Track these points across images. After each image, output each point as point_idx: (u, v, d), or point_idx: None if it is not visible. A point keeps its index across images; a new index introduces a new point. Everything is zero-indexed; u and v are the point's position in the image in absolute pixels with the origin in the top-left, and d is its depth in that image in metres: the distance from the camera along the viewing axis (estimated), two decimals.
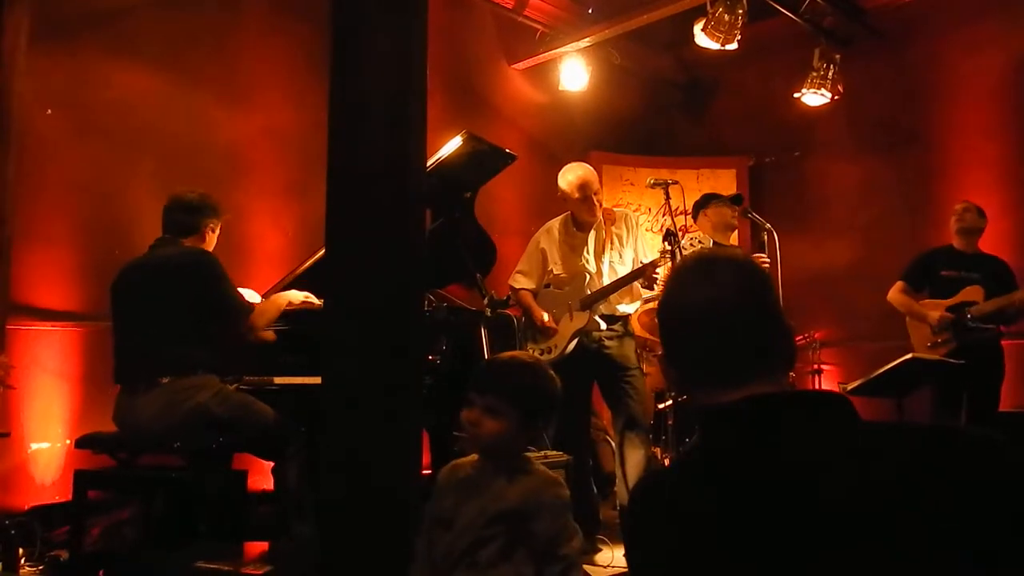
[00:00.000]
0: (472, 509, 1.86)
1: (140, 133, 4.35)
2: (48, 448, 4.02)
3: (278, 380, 3.36)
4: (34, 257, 4.03)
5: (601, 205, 3.84)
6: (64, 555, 3.29)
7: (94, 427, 3.32)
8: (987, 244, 4.60)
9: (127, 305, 3.15)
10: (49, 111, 4.09)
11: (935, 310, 4.42)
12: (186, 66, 4.55)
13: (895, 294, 4.60)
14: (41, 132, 4.05)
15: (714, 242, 3.99)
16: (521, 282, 3.92)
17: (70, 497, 3.14)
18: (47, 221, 4.09)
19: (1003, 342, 4.43)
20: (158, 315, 3.06)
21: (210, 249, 3.27)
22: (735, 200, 4.20)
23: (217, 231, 3.33)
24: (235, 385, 3.23)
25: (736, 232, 4.36)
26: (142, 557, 3.23)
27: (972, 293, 4.36)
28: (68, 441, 3.98)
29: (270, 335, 3.28)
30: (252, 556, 2.95)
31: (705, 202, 4.25)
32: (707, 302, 1.09)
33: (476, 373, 1.97)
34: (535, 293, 3.92)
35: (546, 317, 3.78)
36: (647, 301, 3.99)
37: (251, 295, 3.40)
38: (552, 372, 1.99)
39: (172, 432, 2.96)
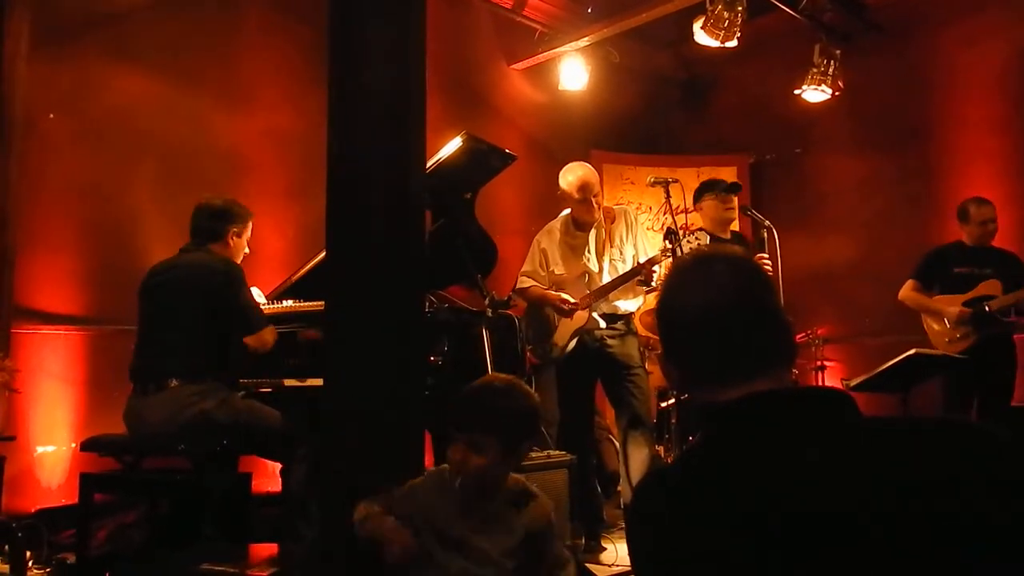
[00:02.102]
0: (488, 544, 1.87)
1: (141, 137, 4.36)
2: (54, 451, 4.03)
3: (285, 382, 3.38)
4: (37, 261, 4.05)
5: (601, 206, 3.83)
6: (71, 558, 3.30)
7: (99, 430, 3.34)
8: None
9: (148, 308, 3.20)
10: (51, 116, 4.11)
11: (951, 305, 4.39)
12: (186, 69, 4.56)
13: (907, 292, 4.57)
14: (43, 137, 4.07)
15: (712, 238, 3.97)
16: (528, 282, 3.91)
17: (76, 500, 3.15)
18: (50, 225, 4.11)
19: (1016, 337, 4.42)
20: (175, 319, 3.11)
21: (237, 254, 3.32)
22: (732, 188, 4.16)
23: (244, 236, 3.36)
24: (243, 392, 3.24)
25: (736, 223, 4.31)
26: (147, 559, 3.24)
27: (990, 287, 4.33)
28: (73, 444, 3.99)
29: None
30: (257, 558, 2.95)
31: (700, 194, 4.22)
32: (706, 302, 1.10)
33: (455, 408, 1.94)
34: None
35: (564, 295, 3.77)
36: (651, 291, 3.97)
37: (257, 294, 3.43)
38: (528, 388, 1.99)
39: (175, 435, 2.98)
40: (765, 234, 4.03)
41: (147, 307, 3.20)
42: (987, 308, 4.27)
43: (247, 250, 3.39)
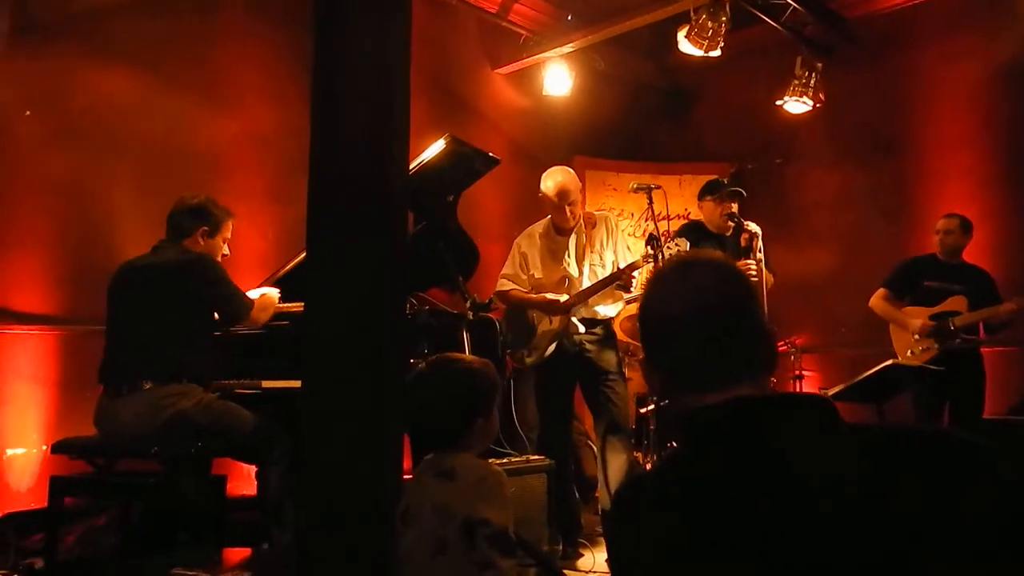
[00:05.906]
0: None
1: (119, 136, 4.30)
2: (23, 454, 3.96)
3: (264, 384, 3.35)
4: (10, 260, 3.98)
5: (576, 215, 3.82)
6: (39, 563, 3.24)
7: (70, 432, 3.29)
8: (966, 252, 4.64)
9: (120, 305, 3.14)
10: (28, 113, 4.05)
11: (918, 318, 4.45)
12: (165, 69, 4.51)
13: (877, 301, 4.65)
14: (19, 135, 4.01)
15: (690, 245, 3.98)
16: (508, 285, 3.91)
17: (45, 503, 3.10)
18: (24, 224, 4.04)
19: (983, 350, 4.47)
20: (149, 319, 3.06)
21: (214, 254, 3.26)
22: (733, 195, 4.15)
23: (219, 237, 3.28)
24: (217, 394, 3.20)
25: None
26: (119, 564, 3.19)
27: (956, 303, 4.40)
28: (44, 447, 3.93)
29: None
30: (231, 562, 2.91)
31: (703, 193, 4.24)
32: (689, 306, 1.09)
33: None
34: None
35: (549, 296, 3.76)
36: (630, 302, 3.97)
37: (273, 292, 3.38)
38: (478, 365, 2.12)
39: (151, 437, 2.94)
40: (752, 240, 4.05)
41: (119, 305, 3.14)
42: (952, 325, 4.33)
43: (226, 251, 3.34)
